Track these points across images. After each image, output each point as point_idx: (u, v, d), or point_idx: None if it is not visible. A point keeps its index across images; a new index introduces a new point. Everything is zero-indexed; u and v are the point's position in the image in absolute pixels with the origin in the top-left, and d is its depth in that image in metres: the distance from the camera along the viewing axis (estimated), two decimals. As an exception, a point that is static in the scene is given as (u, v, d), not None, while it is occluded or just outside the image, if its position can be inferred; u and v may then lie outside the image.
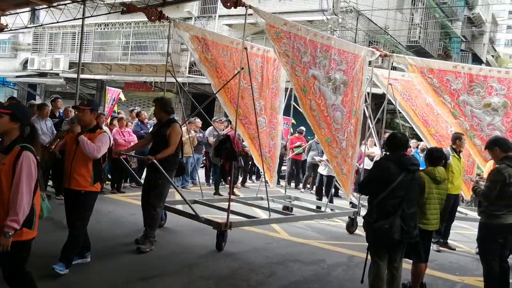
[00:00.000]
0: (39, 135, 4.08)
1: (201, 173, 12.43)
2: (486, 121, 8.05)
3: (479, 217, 4.98)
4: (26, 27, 16.85)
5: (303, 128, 13.28)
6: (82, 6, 12.41)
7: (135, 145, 7.77)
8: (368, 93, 8.23)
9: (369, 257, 4.61)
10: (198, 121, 11.46)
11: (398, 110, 9.53)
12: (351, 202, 8.98)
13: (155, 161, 5.65)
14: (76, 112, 5.09)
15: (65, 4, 11.94)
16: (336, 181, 8.27)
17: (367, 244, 4.60)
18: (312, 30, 7.26)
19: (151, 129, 6.97)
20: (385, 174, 4.29)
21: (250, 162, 13.29)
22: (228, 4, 6.15)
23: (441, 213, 4.98)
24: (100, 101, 20.85)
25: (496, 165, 5.06)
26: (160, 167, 5.70)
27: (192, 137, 10.95)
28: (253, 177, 14.33)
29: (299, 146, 13.03)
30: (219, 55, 7.70)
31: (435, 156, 4.95)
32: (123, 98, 14.07)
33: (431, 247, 5.29)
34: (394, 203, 4.26)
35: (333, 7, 17.78)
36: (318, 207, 9.09)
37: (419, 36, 22.82)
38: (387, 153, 4.63)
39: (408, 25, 22.69)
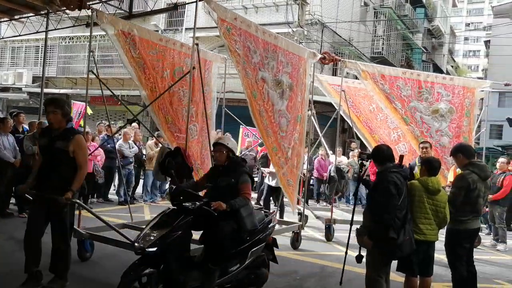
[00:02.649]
0: None
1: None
2: (435, 127, 8.05)
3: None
4: (-14, 41, 16.40)
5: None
6: (45, 19, 12.17)
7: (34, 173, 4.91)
8: (310, 100, 7.92)
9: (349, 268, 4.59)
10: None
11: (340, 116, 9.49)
12: (299, 213, 8.20)
13: (78, 201, 4.79)
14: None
15: (28, 17, 11.66)
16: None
17: (341, 254, 4.56)
18: (262, 28, 6.62)
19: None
20: (397, 186, 4.24)
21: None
22: None
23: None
24: (65, 116, 20.41)
25: (461, 171, 5.20)
26: (80, 202, 4.95)
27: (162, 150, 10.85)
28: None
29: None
30: (147, 54, 6.75)
31: (434, 166, 4.79)
32: (89, 111, 13.82)
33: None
34: (404, 214, 4.28)
35: (298, 19, 18.04)
36: None
37: (382, 48, 23.45)
38: (363, 162, 4.72)
39: (371, 37, 23.26)
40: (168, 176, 5.46)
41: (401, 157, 6.29)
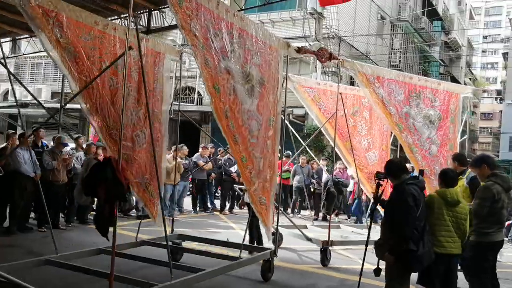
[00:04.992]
0: None
1: (187, 200, 12.30)
2: (425, 134, 7.65)
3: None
4: (7, 57, 16.76)
5: (289, 152, 13.16)
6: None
7: None
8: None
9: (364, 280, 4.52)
10: (185, 148, 11.45)
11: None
12: (273, 234, 6.71)
13: None
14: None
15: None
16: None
17: (359, 267, 4.50)
18: (225, 5, 5.45)
19: None
20: (415, 198, 4.20)
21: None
22: None
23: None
24: (84, 131, 20.71)
25: (482, 183, 5.08)
26: None
27: (178, 164, 10.86)
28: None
29: (286, 171, 12.96)
30: (78, 39, 5.24)
31: (450, 177, 4.67)
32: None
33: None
34: (422, 225, 4.23)
35: (315, 33, 18.09)
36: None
37: (400, 61, 23.35)
38: (380, 182, 4.60)
39: (388, 50, 23.21)
40: (94, 196, 4.24)
41: (421, 171, 6.16)
